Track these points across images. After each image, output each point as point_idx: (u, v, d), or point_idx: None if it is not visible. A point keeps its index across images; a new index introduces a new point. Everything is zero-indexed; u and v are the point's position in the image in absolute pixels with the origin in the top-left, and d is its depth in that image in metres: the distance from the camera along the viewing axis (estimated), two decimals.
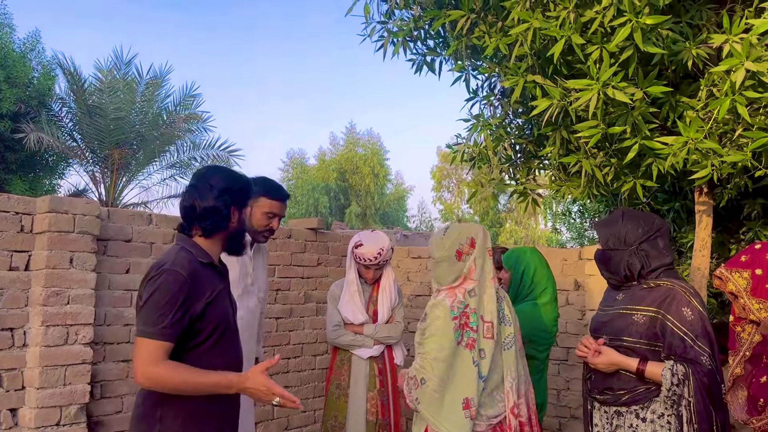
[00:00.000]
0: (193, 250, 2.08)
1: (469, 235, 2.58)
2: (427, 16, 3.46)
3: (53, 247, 3.33)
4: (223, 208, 2.11)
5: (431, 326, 2.44)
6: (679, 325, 2.30)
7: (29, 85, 14.57)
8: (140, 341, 1.91)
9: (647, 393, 2.33)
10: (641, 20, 2.44)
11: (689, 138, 2.64)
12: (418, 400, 2.41)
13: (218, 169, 2.27)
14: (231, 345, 2.16)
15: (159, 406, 1.98)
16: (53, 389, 3.29)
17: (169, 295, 1.93)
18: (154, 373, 1.87)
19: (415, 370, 2.42)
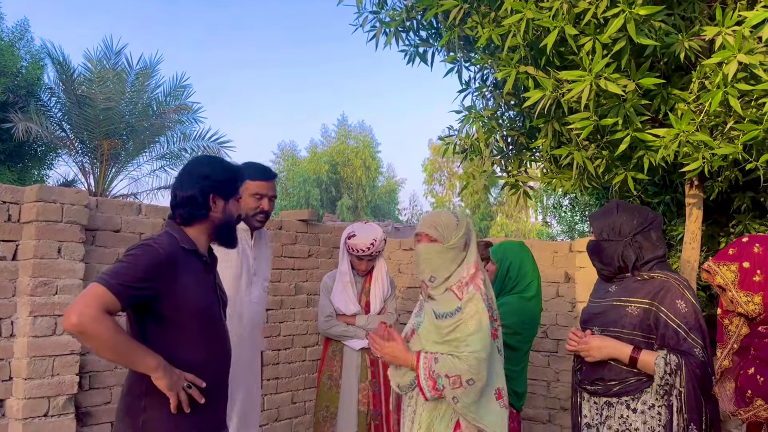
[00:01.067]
0: (178, 236, 2.08)
1: (471, 227, 2.52)
2: (420, 6, 3.44)
3: (41, 236, 3.29)
4: (198, 196, 2.09)
5: (471, 322, 2.28)
6: (673, 317, 2.32)
7: (17, 74, 14.42)
8: (94, 285, 1.85)
9: (638, 384, 2.34)
10: (634, 11, 2.43)
11: (680, 130, 2.64)
12: (456, 399, 2.25)
13: (204, 158, 2.26)
14: (214, 337, 2.13)
15: (144, 396, 1.95)
16: (41, 380, 3.26)
17: (139, 263, 1.91)
18: (92, 315, 1.78)
19: (459, 370, 2.23)
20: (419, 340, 2.38)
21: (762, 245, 2.10)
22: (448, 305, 2.34)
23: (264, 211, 3.01)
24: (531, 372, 4.80)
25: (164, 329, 1.99)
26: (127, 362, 1.91)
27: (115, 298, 1.83)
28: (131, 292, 1.87)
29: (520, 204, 4.13)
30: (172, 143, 16.33)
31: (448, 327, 2.30)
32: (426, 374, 2.27)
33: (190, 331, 2.03)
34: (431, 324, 2.36)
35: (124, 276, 1.87)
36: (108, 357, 1.90)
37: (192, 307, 2.02)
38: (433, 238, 2.41)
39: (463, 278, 2.38)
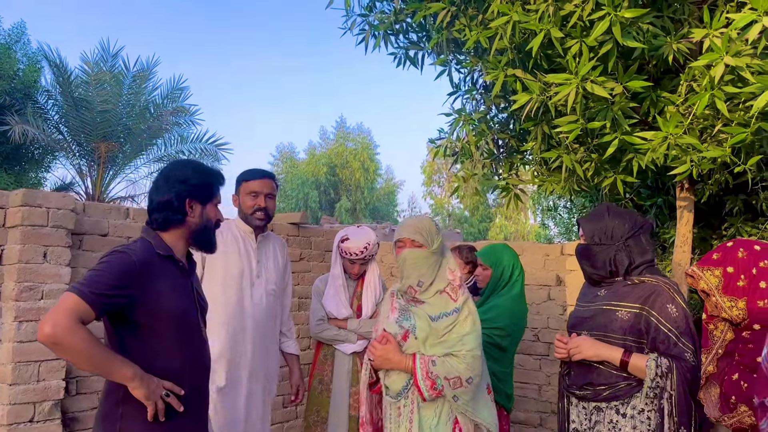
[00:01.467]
0: (153, 242, 2.05)
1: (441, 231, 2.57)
2: (409, 8, 3.43)
3: (26, 241, 3.27)
4: (174, 201, 2.07)
5: (467, 322, 2.38)
6: (664, 321, 2.30)
7: (14, 77, 14.41)
8: (67, 294, 1.82)
9: (628, 389, 2.33)
10: (620, 14, 2.41)
11: (668, 133, 2.62)
12: (457, 398, 2.33)
13: (181, 162, 2.23)
14: (191, 344, 2.10)
15: (121, 404, 1.93)
16: (26, 385, 3.24)
17: (112, 271, 1.88)
18: (66, 326, 1.75)
19: (458, 370, 2.31)
20: (417, 343, 2.40)
21: (746, 250, 2.08)
22: (444, 307, 2.40)
23: (261, 209, 3.03)
24: (522, 375, 4.78)
25: (140, 336, 1.96)
26: (103, 372, 1.88)
27: (88, 308, 1.80)
28: (105, 300, 1.84)
29: (519, 206, 4.12)
30: (170, 146, 16.30)
31: (446, 327, 2.36)
32: (423, 375, 2.32)
33: (166, 338, 2.00)
34: (427, 326, 2.38)
35: (97, 284, 1.84)
36: (84, 368, 1.87)
37: (167, 313, 1.99)
38: (419, 243, 2.44)
39: (453, 281, 2.44)
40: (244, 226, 3.10)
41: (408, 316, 2.49)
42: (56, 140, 14.84)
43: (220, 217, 2.24)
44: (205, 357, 2.19)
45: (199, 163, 2.27)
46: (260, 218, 3.05)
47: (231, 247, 3.01)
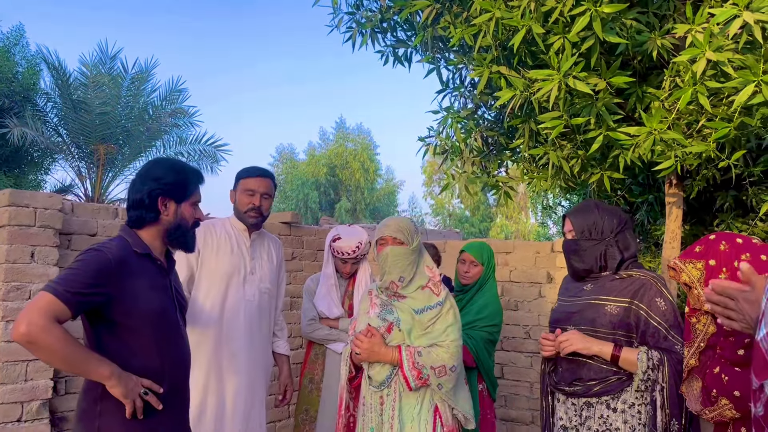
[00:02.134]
0: (130, 240, 2.06)
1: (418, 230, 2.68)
2: (395, 6, 3.43)
3: (13, 241, 3.28)
4: (145, 199, 2.07)
5: (449, 314, 2.52)
6: (653, 315, 2.32)
7: (13, 79, 14.46)
8: (42, 293, 1.81)
9: (619, 383, 2.33)
10: (600, 9, 2.41)
11: (652, 128, 2.62)
12: (441, 386, 2.46)
13: (159, 160, 2.22)
14: (170, 342, 2.11)
15: (99, 401, 1.93)
16: (14, 385, 3.24)
17: (88, 269, 1.88)
18: (41, 325, 1.74)
19: (443, 359, 2.44)
20: (402, 335, 2.51)
21: (728, 243, 2.07)
22: (428, 300, 2.53)
23: (255, 208, 3.03)
24: (514, 373, 4.78)
25: (118, 335, 1.97)
26: (80, 371, 1.89)
27: (64, 306, 1.79)
28: (81, 299, 1.84)
29: (510, 205, 4.13)
30: (169, 147, 16.33)
31: (430, 320, 2.50)
32: (410, 365, 2.44)
33: (144, 336, 2.00)
34: (411, 319, 2.51)
35: (72, 283, 1.83)
36: (59, 367, 1.88)
37: (144, 311, 2.00)
38: (400, 240, 2.55)
39: (433, 277, 2.59)
40: (238, 223, 3.11)
41: (390, 310, 2.58)
42: (55, 142, 14.88)
43: (199, 216, 2.23)
44: (185, 355, 2.20)
45: (177, 162, 2.25)
46: (253, 217, 3.05)
47: (224, 244, 3.02)
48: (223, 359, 2.96)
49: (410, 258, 2.54)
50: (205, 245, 3.00)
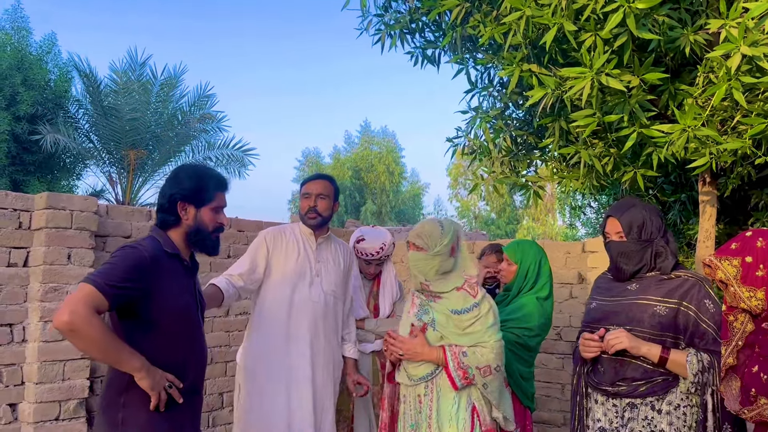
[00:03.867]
0: (161, 240, 2.14)
1: (458, 233, 2.65)
2: (423, 7, 3.43)
3: (51, 243, 3.35)
4: (165, 203, 2.16)
5: (489, 315, 2.53)
6: (702, 317, 2.26)
7: (46, 87, 14.77)
8: (83, 285, 1.89)
9: (665, 384, 2.27)
10: (634, 5, 2.38)
11: (686, 126, 2.58)
12: (486, 385, 2.49)
13: (185, 166, 2.31)
14: (192, 339, 2.18)
15: (123, 393, 2.00)
16: (52, 384, 3.31)
17: (125, 263, 1.96)
18: (83, 315, 1.82)
19: (488, 359, 2.47)
20: (438, 335, 2.54)
21: (765, 239, 2.03)
22: (464, 302, 2.54)
23: (312, 208, 3.13)
24: (545, 375, 4.73)
25: (146, 330, 2.03)
26: (113, 361, 1.95)
27: (103, 298, 1.87)
28: (119, 291, 1.91)
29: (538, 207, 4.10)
30: (197, 152, 16.53)
31: (469, 320, 2.51)
32: (455, 365, 2.47)
33: (169, 333, 2.08)
34: (448, 320, 2.53)
35: (111, 276, 1.91)
36: (95, 356, 1.95)
37: (173, 309, 2.08)
38: (418, 246, 2.58)
39: (469, 279, 2.60)
40: (304, 228, 3.20)
41: (427, 310, 2.61)
42: (87, 148, 15.16)
43: (222, 221, 2.29)
44: (204, 354, 2.27)
45: (201, 167, 2.33)
46: (311, 218, 3.13)
47: (291, 248, 3.13)
48: (292, 358, 3.04)
49: (431, 263, 2.55)
50: (274, 248, 3.11)
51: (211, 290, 2.83)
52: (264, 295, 3.08)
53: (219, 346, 4.51)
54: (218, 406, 4.53)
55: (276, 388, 3.01)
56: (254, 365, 3.04)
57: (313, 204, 3.13)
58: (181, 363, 2.11)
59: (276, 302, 3.06)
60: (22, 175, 14.50)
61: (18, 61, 14.15)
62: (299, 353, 3.05)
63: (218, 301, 2.84)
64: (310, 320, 3.08)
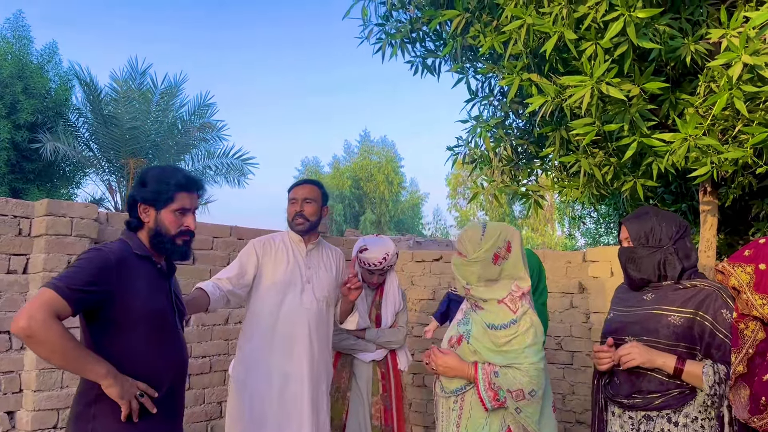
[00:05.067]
0: (131, 242, 2.08)
1: (507, 238, 2.43)
2: (424, 16, 3.45)
3: (51, 250, 3.34)
4: (128, 204, 2.12)
5: (528, 334, 2.33)
6: (719, 327, 2.21)
7: (46, 95, 14.81)
8: (43, 290, 1.81)
9: (681, 397, 2.23)
10: (634, 14, 2.39)
11: (687, 135, 2.58)
12: (519, 410, 2.30)
13: (151, 168, 2.24)
14: (167, 344, 2.10)
15: (94, 404, 1.92)
16: (50, 392, 3.29)
17: (89, 267, 1.89)
18: (41, 320, 1.74)
19: (521, 383, 2.28)
20: (472, 349, 2.39)
21: None
22: (502, 317, 2.36)
23: (299, 213, 3.10)
24: None
25: (115, 335, 1.96)
26: (76, 369, 1.87)
27: (65, 302, 1.80)
28: (81, 295, 1.85)
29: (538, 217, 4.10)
30: (197, 161, 16.59)
31: (505, 338, 2.33)
32: (486, 385, 2.31)
33: (140, 337, 2.00)
34: (483, 334, 2.37)
35: (73, 280, 1.84)
36: (56, 363, 1.85)
37: (142, 311, 2.00)
38: (459, 252, 2.47)
39: (514, 292, 2.40)
40: (293, 235, 3.18)
41: (467, 320, 2.49)
42: (86, 157, 15.19)
43: (188, 224, 2.17)
44: (182, 360, 2.17)
45: (165, 168, 2.22)
46: (299, 223, 3.10)
47: (281, 256, 3.10)
48: (287, 367, 3.01)
49: (470, 269, 2.41)
50: (264, 257, 3.08)
51: (197, 294, 2.77)
52: (255, 304, 3.06)
53: (218, 354, 4.49)
54: (217, 415, 4.50)
55: (270, 398, 2.98)
56: (246, 376, 3.01)
57: (300, 209, 3.10)
58: (156, 370, 2.02)
59: (268, 311, 3.02)
60: (22, 184, 14.51)
61: (19, 70, 14.19)
62: (295, 362, 3.02)
63: (204, 305, 2.77)
64: (303, 328, 3.05)
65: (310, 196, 3.16)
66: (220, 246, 4.51)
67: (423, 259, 5.67)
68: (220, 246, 4.50)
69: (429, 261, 5.65)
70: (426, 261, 5.66)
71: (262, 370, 2.98)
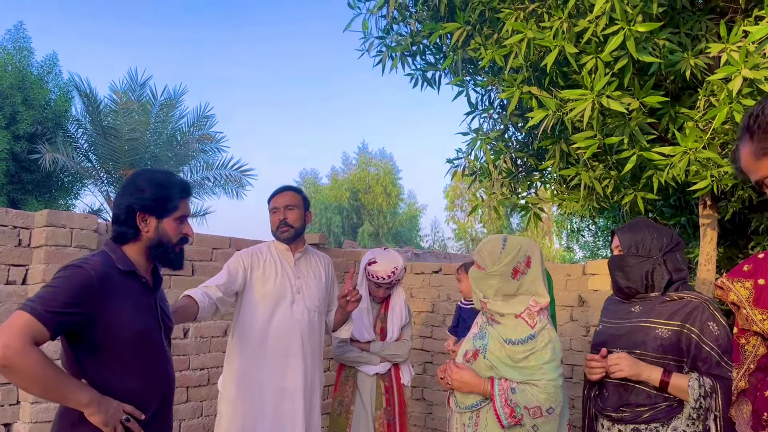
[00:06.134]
0: (114, 256, 1.94)
1: (527, 253, 2.42)
2: (425, 30, 3.47)
3: (50, 261, 3.33)
4: (122, 215, 1.97)
5: (546, 350, 2.29)
6: (705, 340, 2.22)
7: (46, 107, 14.86)
8: (19, 313, 1.67)
9: (669, 410, 2.24)
10: (634, 28, 2.41)
11: (687, 148, 2.59)
12: (536, 427, 2.25)
13: (141, 173, 2.08)
14: (153, 363, 1.98)
15: (76, 425, 1.79)
16: (48, 404, 3.26)
17: (69, 288, 1.75)
18: (17, 349, 1.60)
19: (539, 400, 2.24)
20: (488, 364, 2.36)
21: None
22: (519, 332, 2.34)
23: (282, 221, 3.05)
24: None
25: (99, 357, 1.84)
26: (57, 398, 1.73)
27: (42, 327, 1.66)
28: (60, 318, 1.71)
29: (535, 229, 4.10)
30: (196, 172, 16.62)
31: (522, 353, 2.29)
32: (502, 402, 2.27)
33: (126, 358, 1.88)
34: (500, 349, 2.34)
35: (51, 301, 1.70)
36: (36, 393, 1.71)
37: (127, 332, 1.87)
38: (478, 264, 2.46)
39: (532, 307, 2.38)
40: (279, 245, 3.13)
41: (483, 335, 2.46)
42: (85, 168, 15.21)
43: (187, 232, 2.10)
44: (169, 378, 2.07)
45: (160, 174, 2.10)
46: (283, 231, 3.06)
47: (269, 268, 3.04)
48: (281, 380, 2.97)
49: (488, 282, 2.39)
50: (251, 269, 3.02)
51: (186, 302, 2.65)
52: (244, 319, 2.99)
53: (216, 366, 4.46)
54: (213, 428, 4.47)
55: (263, 415, 2.94)
56: (237, 393, 2.94)
57: (283, 217, 3.06)
58: (142, 391, 1.90)
59: (258, 326, 2.96)
60: (21, 194, 14.50)
61: (19, 81, 14.25)
62: (289, 377, 2.99)
63: (193, 313, 2.65)
64: (296, 339, 3.01)
65: (291, 202, 3.11)
66: (219, 257, 4.50)
67: (422, 271, 5.66)
68: (220, 257, 4.49)
69: (428, 273, 5.64)
70: (425, 273, 5.65)
71: (254, 387, 2.92)
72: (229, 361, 3.01)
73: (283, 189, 3.18)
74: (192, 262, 4.34)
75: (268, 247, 3.15)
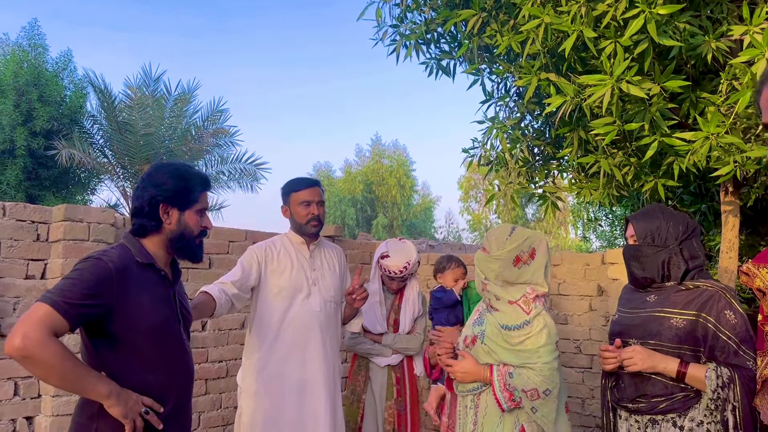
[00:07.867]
0: (133, 248, 1.94)
1: (532, 245, 2.49)
2: (439, 17, 3.43)
3: (68, 255, 3.35)
4: (145, 206, 1.97)
5: (542, 335, 2.38)
6: (722, 329, 2.17)
7: (62, 103, 14.97)
8: (38, 305, 1.68)
9: (686, 400, 2.20)
10: (654, 11, 2.36)
11: (709, 133, 2.54)
12: (535, 409, 2.34)
13: (161, 165, 2.08)
14: (172, 356, 1.99)
15: (96, 419, 1.80)
16: (69, 397, 3.28)
17: (87, 279, 1.76)
18: (38, 339, 1.61)
19: (535, 383, 2.33)
20: (486, 349, 2.44)
21: None
22: (515, 318, 2.42)
23: (315, 216, 3.05)
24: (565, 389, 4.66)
25: (118, 349, 1.84)
26: (76, 390, 1.73)
27: (62, 318, 1.67)
28: (79, 310, 1.72)
29: (551, 219, 4.06)
30: (211, 166, 16.69)
31: (518, 338, 2.39)
32: (501, 386, 2.36)
33: (145, 351, 1.88)
34: (497, 334, 2.43)
35: (70, 293, 1.71)
36: (55, 384, 1.72)
37: (146, 324, 1.88)
38: (483, 247, 2.55)
39: (528, 294, 2.46)
40: (295, 237, 3.11)
41: (482, 320, 2.55)
42: (101, 163, 15.32)
43: (207, 224, 2.11)
44: (188, 371, 2.07)
45: (181, 166, 2.10)
46: (315, 225, 3.06)
47: (285, 261, 3.03)
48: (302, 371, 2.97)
49: (490, 265, 2.47)
50: (266, 264, 3.01)
51: (203, 298, 2.67)
52: (261, 312, 2.98)
53: (234, 359, 4.48)
54: (233, 420, 4.49)
55: (286, 409, 2.93)
56: (258, 385, 2.94)
57: (317, 212, 3.06)
58: (161, 384, 1.91)
59: (276, 319, 2.96)
60: (38, 190, 14.65)
61: (35, 78, 14.36)
62: (309, 368, 2.98)
63: (210, 310, 2.67)
64: (314, 331, 3.01)
65: (322, 198, 3.14)
66: (236, 250, 4.51)
67: None
68: (236, 250, 4.50)
69: None
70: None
71: (275, 380, 2.92)
72: (248, 355, 3.01)
73: (314, 183, 3.16)
74: (209, 255, 4.36)
75: (282, 239, 3.14)
